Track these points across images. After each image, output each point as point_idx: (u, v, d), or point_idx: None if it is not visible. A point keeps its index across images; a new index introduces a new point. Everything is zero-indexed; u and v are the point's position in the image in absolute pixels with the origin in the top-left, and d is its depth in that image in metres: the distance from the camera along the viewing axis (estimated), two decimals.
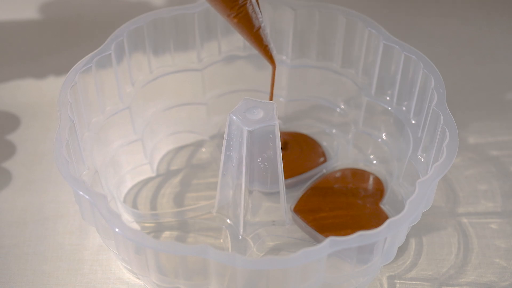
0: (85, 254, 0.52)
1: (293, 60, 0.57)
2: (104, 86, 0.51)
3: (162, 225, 0.53)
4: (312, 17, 0.55)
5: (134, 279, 0.50)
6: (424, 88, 0.50)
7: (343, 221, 0.53)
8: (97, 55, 0.50)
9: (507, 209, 0.55)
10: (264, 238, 0.52)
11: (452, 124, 0.46)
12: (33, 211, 0.54)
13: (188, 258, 0.40)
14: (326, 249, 0.39)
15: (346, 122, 0.58)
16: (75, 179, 0.43)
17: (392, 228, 0.40)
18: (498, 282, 0.50)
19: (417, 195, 0.42)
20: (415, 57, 0.50)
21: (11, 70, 0.66)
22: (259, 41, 0.50)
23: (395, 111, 0.53)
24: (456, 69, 0.66)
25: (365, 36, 0.53)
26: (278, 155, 0.48)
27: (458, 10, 0.73)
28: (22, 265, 0.51)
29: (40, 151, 0.59)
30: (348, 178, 0.56)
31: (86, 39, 0.69)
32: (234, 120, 0.47)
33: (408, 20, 0.72)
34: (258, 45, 0.50)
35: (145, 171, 0.57)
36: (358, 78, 0.55)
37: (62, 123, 0.46)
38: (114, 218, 0.41)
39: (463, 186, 0.56)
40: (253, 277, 0.41)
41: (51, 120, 0.61)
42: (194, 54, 0.56)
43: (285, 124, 0.60)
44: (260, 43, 0.50)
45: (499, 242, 0.52)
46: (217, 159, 0.57)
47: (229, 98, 0.59)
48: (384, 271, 0.51)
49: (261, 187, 0.50)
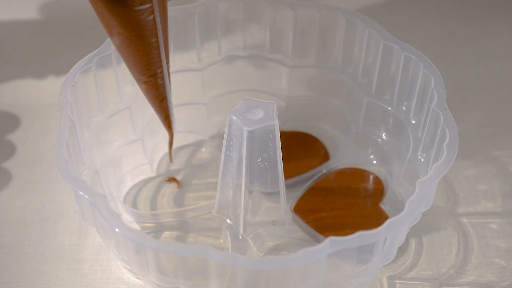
0: (85, 254, 0.52)
1: (293, 60, 0.57)
2: (104, 86, 0.51)
3: (162, 225, 0.53)
4: (312, 17, 0.55)
5: (134, 279, 0.50)
6: (424, 88, 0.50)
7: (343, 221, 0.53)
8: (97, 55, 0.50)
9: (507, 209, 0.55)
10: (264, 238, 0.52)
11: (452, 124, 0.46)
12: (33, 211, 0.54)
13: (188, 258, 0.40)
14: (326, 249, 0.39)
15: (346, 122, 0.58)
16: (75, 179, 0.43)
17: (392, 228, 0.40)
18: (498, 282, 0.50)
19: (417, 195, 0.42)
20: (415, 57, 0.50)
21: (11, 70, 0.66)
22: (162, 110, 0.51)
23: (395, 111, 0.53)
24: (456, 69, 0.66)
25: (365, 36, 0.53)
26: (278, 155, 0.48)
27: (458, 10, 0.73)
28: (22, 265, 0.51)
29: (40, 151, 0.59)
30: (348, 178, 0.56)
31: (86, 39, 0.69)
32: (234, 120, 0.47)
33: (408, 20, 0.72)
34: (161, 113, 0.51)
35: (145, 171, 0.57)
36: (358, 78, 0.55)
37: (62, 123, 0.46)
38: (114, 218, 0.41)
39: (463, 186, 0.56)
40: (253, 277, 0.41)
41: (51, 120, 0.61)
42: (194, 54, 0.56)
43: (285, 124, 0.60)
44: (162, 112, 0.51)
45: (499, 242, 0.52)
46: (217, 159, 0.57)
47: (229, 98, 0.59)
48: (384, 271, 0.51)
49: (261, 187, 0.50)
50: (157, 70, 0.48)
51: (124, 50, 0.47)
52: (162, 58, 0.48)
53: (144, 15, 0.45)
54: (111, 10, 0.44)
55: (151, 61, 0.47)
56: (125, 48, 0.46)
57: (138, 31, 0.45)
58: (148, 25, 0.45)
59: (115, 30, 0.45)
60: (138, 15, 0.44)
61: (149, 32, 0.46)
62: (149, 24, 0.45)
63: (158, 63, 0.48)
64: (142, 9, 0.44)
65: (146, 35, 0.46)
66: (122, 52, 0.47)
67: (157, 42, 0.46)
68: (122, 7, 0.44)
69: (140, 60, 0.47)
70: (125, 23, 0.45)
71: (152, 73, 0.48)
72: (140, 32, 0.45)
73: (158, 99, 0.50)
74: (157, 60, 0.47)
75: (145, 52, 0.47)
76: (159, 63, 0.48)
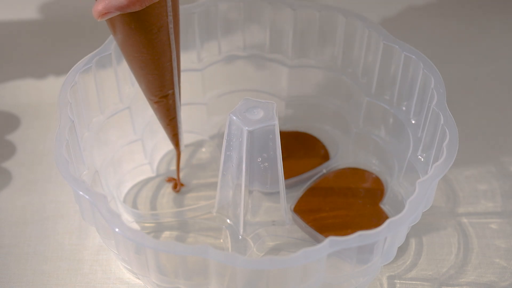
0: (85, 254, 0.52)
1: (293, 60, 0.57)
2: (104, 86, 0.51)
3: (162, 225, 0.53)
4: (312, 17, 0.55)
5: (134, 279, 0.50)
6: (424, 88, 0.50)
7: (343, 221, 0.53)
8: (97, 55, 0.50)
9: (507, 209, 0.55)
10: (264, 238, 0.52)
11: (452, 124, 0.46)
12: (33, 211, 0.54)
13: (188, 258, 0.40)
14: (326, 249, 0.39)
15: (346, 122, 0.58)
16: (75, 179, 0.43)
17: (392, 228, 0.40)
18: (498, 282, 0.50)
19: (417, 195, 0.42)
20: (415, 57, 0.50)
21: (11, 70, 0.66)
22: (171, 129, 0.52)
23: (395, 111, 0.53)
24: (456, 69, 0.66)
25: (365, 36, 0.53)
26: (278, 155, 0.48)
27: (458, 10, 0.73)
28: (22, 265, 0.51)
29: (40, 151, 0.59)
30: (348, 178, 0.56)
31: (86, 39, 0.69)
32: (234, 120, 0.47)
33: (408, 20, 0.72)
34: (169, 132, 0.52)
35: (145, 171, 0.57)
36: (358, 78, 0.55)
37: (62, 123, 0.46)
38: (114, 218, 0.41)
39: (463, 186, 0.56)
40: (253, 277, 0.41)
41: (51, 120, 0.61)
42: (194, 54, 0.56)
43: (285, 124, 0.60)
44: (171, 130, 0.52)
45: (499, 242, 0.52)
46: (217, 159, 0.57)
47: (229, 98, 0.59)
48: (384, 271, 0.51)
49: (261, 187, 0.50)
50: (168, 91, 0.49)
51: (139, 73, 0.48)
52: (175, 80, 0.49)
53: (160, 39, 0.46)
54: (128, 34, 0.45)
55: (164, 83, 0.49)
56: (140, 71, 0.48)
57: (154, 55, 0.46)
58: (164, 49, 0.47)
59: (133, 52, 0.46)
60: (155, 38, 0.46)
61: (164, 57, 0.47)
62: (164, 47, 0.46)
63: (171, 85, 0.49)
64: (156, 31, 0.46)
65: (162, 59, 0.47)
66: (137, 74, 0.48)
67: (171, 66, 0.48)
68: (140, 31, 0.45)
69: (153, 82, 0.48)
70: (141, 47, 0.46)
71: (164, 94, 0.49)
72: (156, 56, 0.47)
73: (168, 119, 0.51)
74: (169, 83, 0.49)
75: (159, 75, 0.48)
76: (171, 85, 0.49)
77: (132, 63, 0.47)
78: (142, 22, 0.45)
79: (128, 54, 0.47)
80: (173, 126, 0.52)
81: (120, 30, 0.45)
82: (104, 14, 0.43)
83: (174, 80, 0.49)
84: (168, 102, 0.50)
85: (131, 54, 0.47)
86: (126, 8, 0.43)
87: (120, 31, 0.45)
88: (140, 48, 0.46)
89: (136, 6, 0.43)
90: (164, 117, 0.51)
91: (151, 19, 0.45)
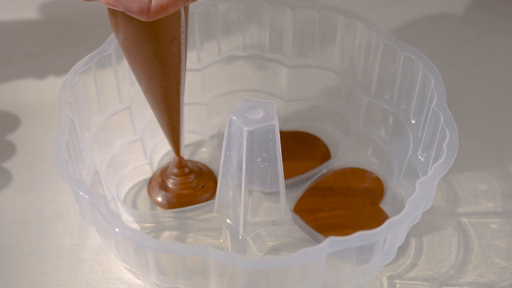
0: (85, 254, 0.52)
1: (293, 60, 0.57)
2: (104, 86, 0.51)
3: (162, 225, 0.53)
4: (312, 17, 0.55)
5: (134, 279, 0.50)
6: (424, 88, 0.50)
7: (343, 221, 0.53)
8: (97, 55, 0.50)
9: (507, 209, 0.55)
10: (264, 238, 0.52)
11: (452, 124, 0.46)
12: (33, 211, 0.54)
13: (188, 258, 0.40)
14: (326, 249, 0.39)
15: (346, 122, 0.58)
16: (75, 179, 0.43)
17: (392, 228, 0.40)
18: (498, 282, 0.50)
19: (417, 195, 0.42)
20: (415, 57, 0.50)
21: (11, 70, 0.66)
22: (173, 137, 0.52)
23: (395, 111, 0.53)
24: (456, 69, 0.66)
25: (365, 36, 0.53)
26: (278, 155, 0.48)
27: (458, 10, 0.73)
28: (22, 265, 0.51)
29: (40, 151, 0.59)
30: (348, 178, 0.56)
31: (86, 39, 0.69)
32: (234, 120, 0.47)
33: (408, 20, 0.72)
34: (171, 140, 0.52)
35: (145, 171, 0.57)
36: (358, 78, 0.55)
37: (62, 123, 0.46)
38: (114, 218, 0.41)
39: (463, 186, 0.56)
40: (253, 277, 0.41)
41: (51, 120, 0.61)
42: (194, 54, 0.56)
43: (285, 124, 0.60)
44: (173, 139, 0.52)
45: (499, 242, 0.52)
46: (217, 159, 0.57)
47: (229, 98, 0.59)
48: (384, 271, 0.51)
49: (261, 187, 0.50)
50: (174, 101, 0.49)
51: (147, 83, 0.48)
52: (181, 92, 0.49)
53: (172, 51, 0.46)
54: (140, 45, 0.45)
55: (170, 93, 0.49)
56: (148, 80, 0.48)
57: (164, 66, 0.47)
58: (174, 60, 0.47)
59: (141, 62, 0.46)
60: (167, 49, 0.46)
61: (174, 68, 0.47)
62: (175, 59, 0.47)
63: (177, 95, 0.49)
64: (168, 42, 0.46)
65: (171, 70, 0.47)
66: (145, 83, 0.48)
67: (179, 75, 0.48)
68: (153, 42, 0.45)
69: (161, 93, 0.48)
70: (152, 57, 0.46)
71: (170, 104, 0.49)
72: (165, 67, 0.47)
73: (170, 128, 0.51)
74: (175, 92, 0.49)
75: (166, 86, 0.48)
76: (177, 95, 0.49)
77: (140, 72, 0.47)
78: (156, 33, 0.45)
79: (136, 64, 0.47)
80: (175, 134, 0.52)
81: (132, 41, 0.45)
82: (166, 8, 0.41)
83: (181, 89, 0.49)
84: (172, 113, 0.50)
85: (140, 63, 0.47)
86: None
87: (132, 41, 0.45)
88: (150, 59, 0.46)
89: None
90: (166, 126, 0.51)
91: (164, 30, 0.45)
